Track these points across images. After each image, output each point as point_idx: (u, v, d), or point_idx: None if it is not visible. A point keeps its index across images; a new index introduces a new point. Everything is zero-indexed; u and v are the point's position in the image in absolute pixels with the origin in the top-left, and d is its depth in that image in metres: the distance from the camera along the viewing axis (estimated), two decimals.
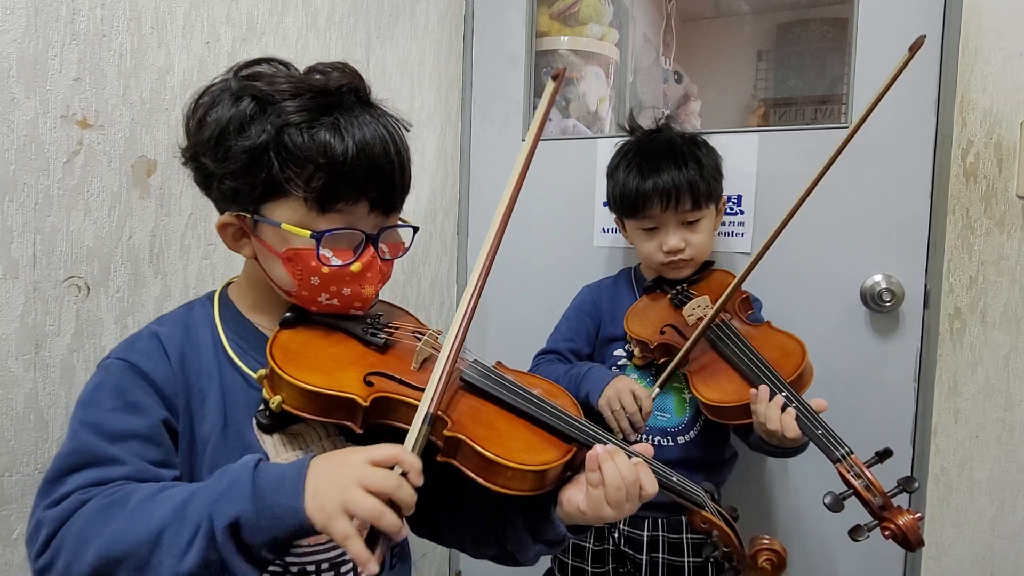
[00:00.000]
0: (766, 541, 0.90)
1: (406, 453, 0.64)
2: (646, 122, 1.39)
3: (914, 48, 1.06)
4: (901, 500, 0.93)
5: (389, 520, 0.60)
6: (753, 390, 1.07)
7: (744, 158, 1.45)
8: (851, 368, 1.41)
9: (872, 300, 1.40)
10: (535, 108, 1.75)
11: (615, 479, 0.75)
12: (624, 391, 1.15)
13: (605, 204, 1.63)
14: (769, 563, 0.89)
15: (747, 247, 1.50)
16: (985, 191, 1.28)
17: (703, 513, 0.88)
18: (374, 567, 0.59)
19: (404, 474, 0.63)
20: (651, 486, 0.78)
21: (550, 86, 0.93)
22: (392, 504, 0.61)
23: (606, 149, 1.62)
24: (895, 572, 1.42)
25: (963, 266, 1.30)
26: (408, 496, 0.62)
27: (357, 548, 0.59)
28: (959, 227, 1.30)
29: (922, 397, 1.38)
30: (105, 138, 0.91)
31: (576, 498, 0.77)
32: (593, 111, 1.84)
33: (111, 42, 0.91)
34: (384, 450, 0.64)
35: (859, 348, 1.42)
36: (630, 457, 0.78)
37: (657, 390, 1.18)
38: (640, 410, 1.14)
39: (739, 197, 1.48)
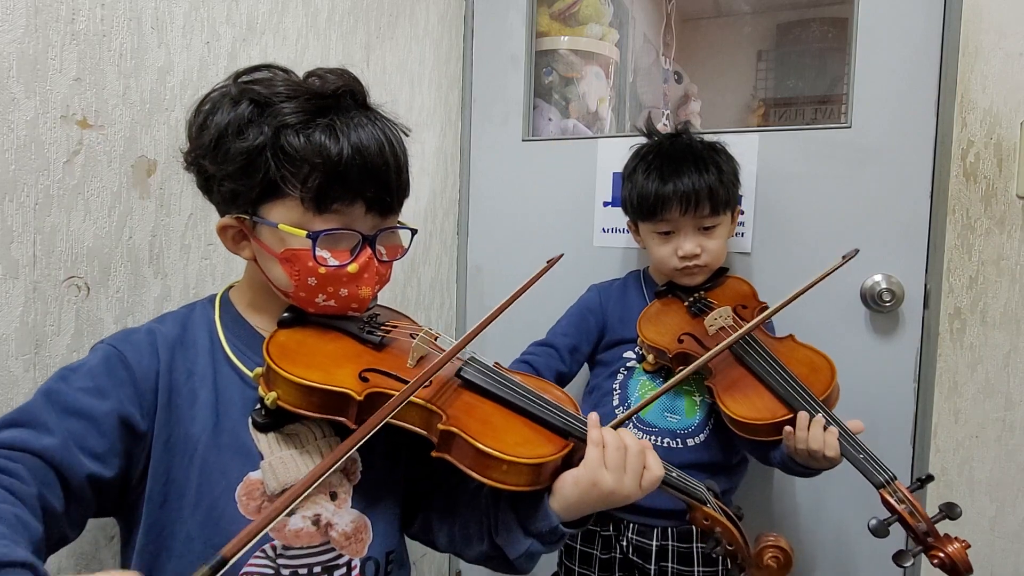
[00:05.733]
0: (771, 539, 0.89)
1: None
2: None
3: (847, 258, 1.18)
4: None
5: None
6: (788, 429, 1.04)
7: (744, 158, 1.44)
8: (851, 368, 1.41)
9: (872, 300, 1.40)
10: (535, 108, 1.76)
11: (616, 440, 0.77)
12: None
13: (606, 204, 1.63)
14: (775, 560, 0.88)
15: (747, 247, 1.50)
16: (985, 191, 1.28)
17: (704, 509, 0.87)
18: None
19: None
20: (654, 461, 0.80)
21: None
22: None
23: (606, 149, 1.62)
24: (895, 571, 1.42)
25: (963, 266, 1.30)
26: None
27: None
28: (959, 227, 1.30)
29: (922, 397, 1.38)
30: (105, 138, 0.91)
31: (571, 472, 0.77)
32: (593, 111, 1.84)
33: (111, 42, 0.91)
34: None
35: (859, 348, 1.42)
36: None
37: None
38: None
39: (739, 197, 1.48)
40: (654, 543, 1.23)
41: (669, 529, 1.23)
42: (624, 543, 1.25)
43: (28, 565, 0.53)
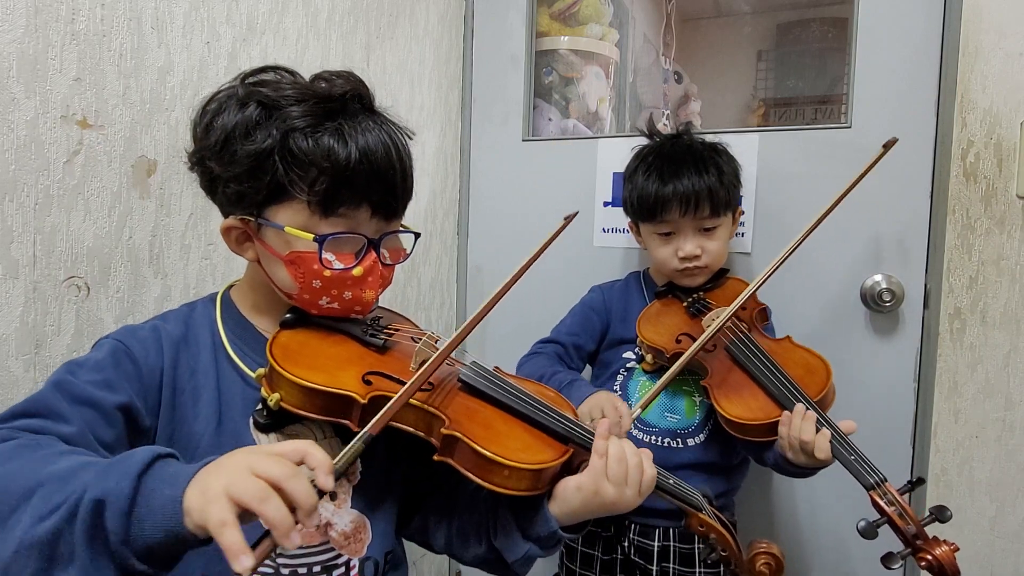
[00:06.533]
0: (764, 545, 0.90)
1: (315, 448, 0.58)
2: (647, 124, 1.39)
3: (887, 146, 1.21)
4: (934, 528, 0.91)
5: (273, 506, 0.52)
6: (787, 413, 1.04)
7: (744, 158, 1.44)
8: (851, 368, 1.41)
9: (872, 300, 1.40)
10: (535, 108, 1.76)
11: (619, 451, 0.78)
12: (607, 403, 1.11)
13: (606, 204, 1.63)
14: (767, 567, 0.89)
15: (747, 247, 1.50)
16: (985, 191, 1.28)
17: (700, 516, 0.89)
18: (247, 561, 0.50)
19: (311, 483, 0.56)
20: (650, 468, 0.81)
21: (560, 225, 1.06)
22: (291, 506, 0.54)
23: (606, 149, 1.62)
24: (892, 574, 1.42)
25: (963, 266, 1.30)
26: (301, 490, 0.54)
27: (231, 537, 0.50)
28: (959, 227, 1.30)
29: (922, 397, 1.38)
30: (105, 138, 0.91)
31: (574, 479, 0.78)
32: (593, 111, 1.84)
33: (111, 42, 0.91)
34: (291, 443, 0.59)
35: (859, 348, 1.42)
36: None
37: (639, 411, 1.13)
38: (620, 425, 1.08)
39: (740, 198, 1.48)
40: (656, 544, 1.22)
41: (671, 530, 1.22)
42: (626, 544, 1.25)
43: (172, 455, 0.59)
